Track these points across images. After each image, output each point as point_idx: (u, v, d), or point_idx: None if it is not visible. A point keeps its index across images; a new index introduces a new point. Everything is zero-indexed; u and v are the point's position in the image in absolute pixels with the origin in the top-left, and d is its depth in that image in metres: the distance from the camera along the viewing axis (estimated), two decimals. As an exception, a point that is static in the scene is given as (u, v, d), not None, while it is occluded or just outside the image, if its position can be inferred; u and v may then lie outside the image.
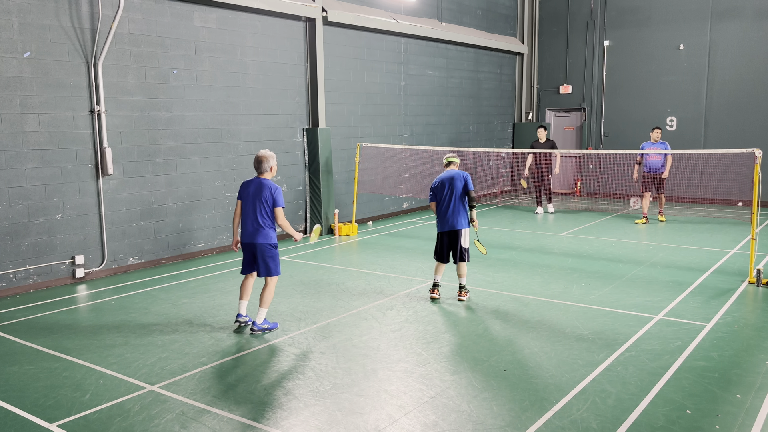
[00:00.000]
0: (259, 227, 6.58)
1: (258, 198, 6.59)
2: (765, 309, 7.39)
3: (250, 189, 6.68)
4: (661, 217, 13.38)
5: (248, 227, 6.65)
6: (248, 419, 4.74)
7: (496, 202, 16.88)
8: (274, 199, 6.59)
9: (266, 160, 6.69)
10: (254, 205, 6.60)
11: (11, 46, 8.11)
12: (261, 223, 6.57)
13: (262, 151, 6.76)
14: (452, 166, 8.01)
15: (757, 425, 4.56)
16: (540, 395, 5.06)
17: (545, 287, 8.34)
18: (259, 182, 6.67)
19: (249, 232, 6.64)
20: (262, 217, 6.58)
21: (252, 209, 6.61)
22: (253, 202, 6.61)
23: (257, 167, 6.71)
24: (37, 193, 8.49)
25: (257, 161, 6.70)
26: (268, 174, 6.73)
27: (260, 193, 6.60)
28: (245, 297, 6.91)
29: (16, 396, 5.21)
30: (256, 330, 6.61)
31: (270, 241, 6.63)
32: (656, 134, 13.06)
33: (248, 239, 6.65)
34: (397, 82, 14.42)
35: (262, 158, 6.69)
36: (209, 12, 10.36)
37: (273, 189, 6.63)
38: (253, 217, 6.60)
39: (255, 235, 6.59)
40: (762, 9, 15.33)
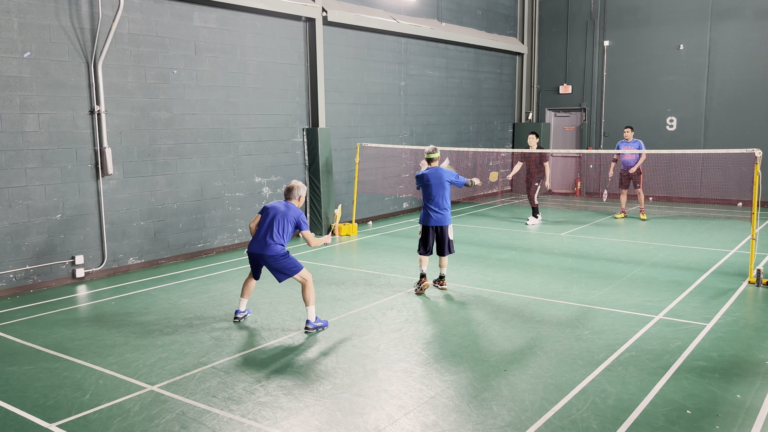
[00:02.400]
0: (271, 241, 6.57)
1: (283, 215, 6.64)
2: (765, 309, 7.39)
3: (276, 206, 6.73)
4: (642, 215, 13.56)
5: (259, 237, 6.63)
6: (248, 419, 4.74)
7: (496, 202, 16.88)
8: (298, 222, 6.68)
9: (297, 188, 6.84)
10: (274, 220, 6.62)
11: (11, 46, 8.11)
12: (274, 238, 6.57)
13: (295, 181, 6.94)
14: (434, 162, 8.27)
15: (757, 425, 4.56)
16: (540, 395, 5.06)
17: (545, 287, 8.34)
18: (288, 204, 6.77)
19: (259, 242, 6.63)
20: (278, 234, 6.59)
21: (270, 223, 6.62)
22: (274, 217, 6.64)
23: (287, 193, 6.85)
24: (37, 193, 8.48)
25: (288, 188, 6.86)
26: (296, 202, 6.83)
27: (287, 212, 6.67)
28: (245, 295, 7.02)
29: (16, 396, 5.21)
30: (309, 328, 6.65)
31: (276, 253, 6.60)
32: (627, 134, 13.62)
33: (257, 249, 6.63)
34: (397, 82, 14.42)
35: (293, 186, 6.86)
36: (209, 12, 10.36)
37: (299, 213, 6.74)
38: (268, 230, 6.60)
39: (264, 247, 6.57)
40: (762, 9, 15.33)
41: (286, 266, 6.67)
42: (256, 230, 6.78)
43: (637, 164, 13.35)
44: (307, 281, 6.70)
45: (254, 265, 6.87)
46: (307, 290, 6.68)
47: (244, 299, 7.03)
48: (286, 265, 6.67)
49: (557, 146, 18.99)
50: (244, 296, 7.02)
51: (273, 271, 6.69)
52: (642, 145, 13.42)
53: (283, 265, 6.65)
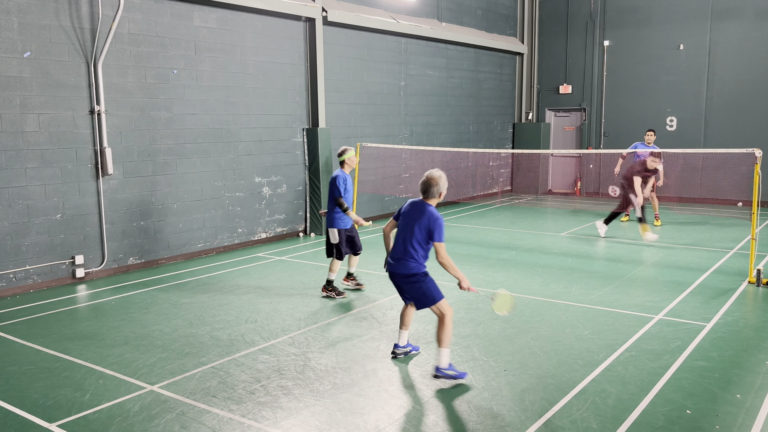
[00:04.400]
0: (404, 257, 5.53)
1: (416, 222, 5.47)
2: (765, 309, 7.39)
3: (411, 210, 5.58)
4: (656, 222, 13.00)
5: (395, 253, 5.62)
6: (248, 419, 4.74)
7: (496, 202, 16.88)
8: (431, 231, 5.40)
9: (436, 183, 5.48)
10: (409, 232, 5.49)
11: (11, 46, 8.11)
12: (409, 252, 5.50)
13: (433, 173, 5.54)
14: (344, 165, 7.97)
15: (757, 425, 4.56)
16: (540, 395, 5.06)
17: (545, 287, 8.34)
18: (423, 207, 5.51)
19: (395, 258, 5.62)
20: (413, 247, 5.48)
21: (402, 234, 5.55)
22: (409, 226, 5.50)
23: (425, 190, 5.53)
24: (37, 193, 8.48)
25: (426, 185, 5.50)
26: (435, 200, 5.54)
27: (420, 218, 5.46)
28: (404, 326, 5.90)
29: (16, 396, 5.21)
30: (439, 375, 5.39)
31: (409, 272, 5.52)
32: (649, 137, 13.03)
33: (393, 268, 5.64)
34: (397, 82, 14.42)
35: (431, 181, 5.49)
36: (209, 12, 10.36)
37: (433, 220, 5.40)
38: (405, 244, 5.52)
39: (397, 264, 5.58)
40: (762, 9, 15.33)
41: (420, 292, 5.52)
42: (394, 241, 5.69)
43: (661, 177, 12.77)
44: (445, 316, 5.45)
45: (396, 287, 5.75)
46: (444, 328, 5.42)
47: (403, 331, 5.89)
48: (421, 291, 5.52)
49: (557, 146, 18.99)
50: (403, 327, 5.89)
51: (408, 294, 5.64)
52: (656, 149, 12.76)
53: (416, 290, 5.54)
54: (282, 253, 10.70)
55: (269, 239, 11.73)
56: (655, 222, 13.00)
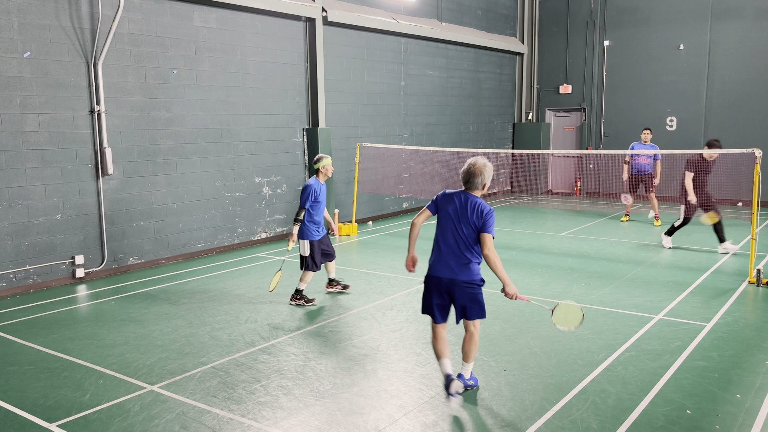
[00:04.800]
0: (460, 259, 4.87)
1: (463, 219, 4.86)
2: (765, 309, 7.39)
3: (452, 204, 4.92)
4: (656, 222, 12.97)
5: (444, 256, 4.91)
6: (248, 419, 4.74)
7: (496, 203, 16.88)
8: (484, 223, 4.80)
9: (481, 173, 4.88)
10: (456, 229, 4.87)
11: (11, 46, 8.11)
12: (463, 253, 4.86)
13: (477, 161, 4.93)
14: (319, 174, 7.61)
15: (757, 425, 4.56)
16: (540, 395, 5.05)
17: (545, 287, 8.34)
18: (467, 198, 4.90)
19: (444, 263, 4.90)
20: (466, 247, 4.85)
21: (452, 233, 4.88)
22: (454, 224, 4.88)
23: (467, 180, 4.93)
24: (37, 193, 8.48)
25: (469, 174, 4.90)
26: (478, 192, 4.96)
27: (465, 213, 4.85)
28: (446, 354, 5.03)
29: (16, 396, 5.21)
30: (466, 388, 5.15)
31: (474, 277, 4.90)
32: (646, 135, 12.92)
33: (444, 273, 4.89)
34: (397, 82, 14.42)
35: (476, 171, 4.87)
36: (209, 12, 10.36)
37: (484, 210, 4.82)
38: (453, 245, 4.87)
39: (455, 269, 4.86)
40: (762, 9, 15.33)
41: (476, 301, 4.90)
42: (435, 245, 4.98)
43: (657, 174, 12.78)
44: (477, 330, 5.08)
45: (441, 295, 4.96)
46: (474, 342, 5.03)
47: (446, 360, 5.00)
48: (476, 300, 4.90)
49: (557, 146, 18.99)
50: (444, 356, 5.01)
51: (460, 303, 4.93)
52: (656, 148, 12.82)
53: (472, 298, 4.89)
54: (282, 253, 10.70)
55: (269, 239, 11.73)
56: (655, 222, 12.99)
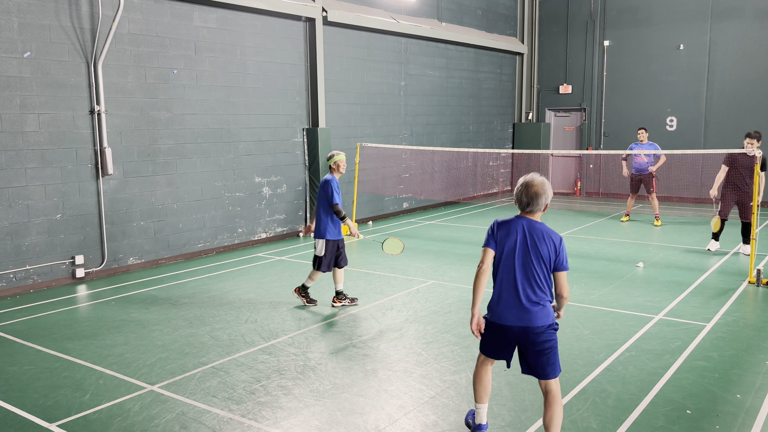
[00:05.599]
0: (532, 301, 4.02)
1: (534, 253, 4.03)
2: (765, 309, 7.39)
3: (514, 235, 4.07)
4: (656, 222, 12.92)
5: (511, 299, 4.05)
6: (248, 419, 4.74)
7: (496, 203, 16.89)
8: (559, 257, 4.06)
9: (544, 192, 4.06)
10: (525, 265, 4.03)
11: (11, 46, 8.11)
12: (536, 294, 4.03)
13: (534, 178, 4.09)
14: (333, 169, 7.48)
15: (757, 425, 4.56)
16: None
17: (545, 287, 8.33)
18: (532, 227, 4.07)
19: (513, 308, 4.04)
20: (539, 285, 4.03)
21: (523, 271, 4.03)
22: (522, 260, 4.04)
23: (530, 203, 4.07)
24: (37, 193, 8.48)
25: (533, 194, 4.04)
26: (539, 215, 4.15)
27: (537, 247, 4.03)
28: (485, 398, 4.38)
29: (16, 396, 5.21)
30: None
31: (551, 321, 4.08)
32: (641, 135, 12.96)
33: (517, 321, 4.03)
34: (397, 82, 14.42)
35: (539, 191, 4.04)
36: (209, 12, 10.36)
37: (557, 241, 4.07)
38: (524, 285, 4.02)
39: (527, 315, 4.01)
40: (762, 9, 15.33)
41: (552, 352, 4.06)
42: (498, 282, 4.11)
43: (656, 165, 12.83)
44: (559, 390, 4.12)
45: (504, 343, 4.13)
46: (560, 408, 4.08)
47: (484, 405, 4.39)
48: (553, 350, 4.07)
49: (557, 146, 19.00)
50: (483, 400, 4.38)
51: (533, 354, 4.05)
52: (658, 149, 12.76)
53: (548, 349, 4.04)
54: (282, 253, 10.70)
55: (269, 239, 11.74)
56: (656, 222, 12.98)
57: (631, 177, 13.20)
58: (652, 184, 12.96)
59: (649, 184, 12.97)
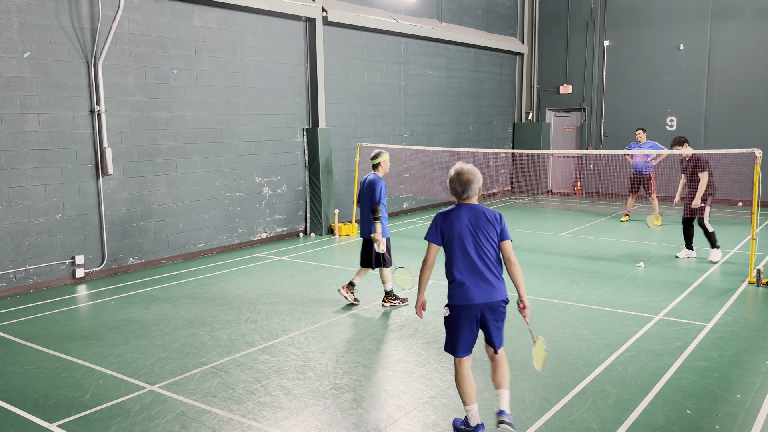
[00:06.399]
0: (493, 276, 4.29)
1: (481, 233, 4.28)
2: (765, 309, 7.39)
3: (462, 221, 4.29)
4: (657, 221, 12.80)
5: (474, 279, 4.26)
6: (248, 419, 4.74)
7: (496, 203, 16.88)
8: (502, 229, 4.33)
9: (475, 178, 4.34)
10: (478, 246, 4.26)
11: (11, 46, 8.11)
12: (492, 270, 4.29)
13: (463, 167, 4.38)
14: (378, 169, 7.64)
15: (757, 425, 4.56)
16: (540, 395, 5.05)
17: (545, 287, 8.34)
18: (473, 211, 4.32)
19: (481, 287, 4.27)
20: (492, 262, 4.29)
21: (476, 251, 4.26)
22: (474, 242, 4.27)
23: (464, 190, 4.35)
24: (37, 193, 8.48)
25: (465, 182, 4.32)
26: (476, 198, 4.42)
27: (482, 227, 4.29)
28: (474, 397, 4.40)
29: (16, 396, 5.21)
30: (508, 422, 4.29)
31: (505, 296, 4.35)
32: (640, 136, 13.02)
33: (483, 298, 4.25)
34: (397, 82, 14.42)
35: (471, 178, 4.32)
36: (209, 12, 10.36)
37: (498, 217, 4.36)
38: (482, 265, 4.26)
39: (492, 290, 4.27)
40: (762, 9, 15.33)
41: (502, 323, 4.42)
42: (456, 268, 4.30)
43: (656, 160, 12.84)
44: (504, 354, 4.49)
45: (470, 324, 4.34)
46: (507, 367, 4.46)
47: (475, 406, 4.40)
48: (502, 328, 4.42)
49: (557, 146, 19.00)
50: (473, 401, 4.40)
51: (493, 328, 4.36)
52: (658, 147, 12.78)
53: (502, 320, 4.40)
54: (282, 253, 10.70)
55: (269, 239, 11.74)
56: (656, 222, 12.97)
57: (630, 177, 13.26)
58: (651, 186, 13.02)
59: (648, 185, 13.03)
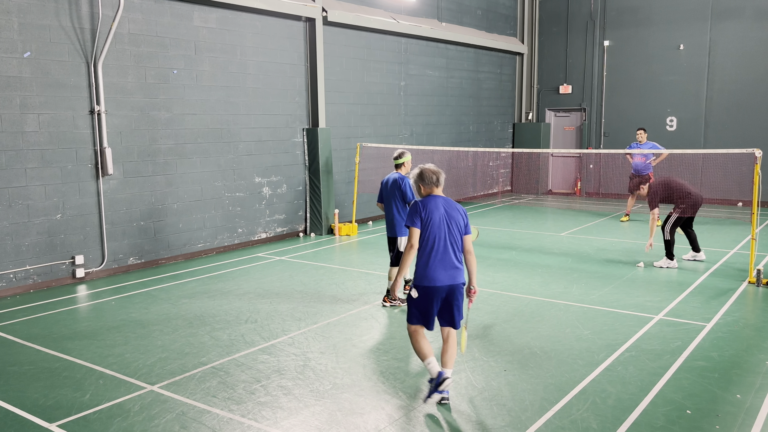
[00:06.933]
0: (458, 262, 4.95)
1: (452, 223, 4.93)
2: (765, 309, 7.39)
3: (438, 210, 4.94)
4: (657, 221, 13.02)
5: (443, 263, 4.90)
6: (248, 419, 4.74)
7: (496, 203, 16.88)
8: (467, 225, 5.03)
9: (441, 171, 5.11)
10: (450, 233, 4.92)
11: (11, 46, 8.11)
12: (458, 256, 4.96)
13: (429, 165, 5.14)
14: (402, 168, 7.75)
15: (757, 425, 4.56)
16: (540, 395, 5.05)
17: (545, 287, 8.34)
18: (446, 202, 5.02)
19: (448, 270, 4.91)
20: (458, 249, 4.96)
21: (448, 238, 4.91)
22: (447, 229, 4.91)
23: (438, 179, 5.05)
24: (37, 193, 8.48)
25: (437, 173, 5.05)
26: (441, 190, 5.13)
27: (453, 217, 4.95)
28: (430, 352, 5.04)
29: (16, 396, 5.21)
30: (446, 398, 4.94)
31: (464, 279, 5.03)
32: (640, 136, 13.01)
33: (449, 280, 4.89)
34: (397, 82, 14.42)
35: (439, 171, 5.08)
36: (209, 12, 10.36)
37: (465, 212, 5.07)
38: (450, 251, 4.91)
39: (456, 274, 4.92)
40: (762, 9, 15.33)
41: (461, 308, 5.04)
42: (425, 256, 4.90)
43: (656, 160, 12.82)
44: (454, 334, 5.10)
45: (434, 303, 4.95)
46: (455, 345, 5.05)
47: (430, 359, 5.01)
48: (461, 308, 5.04)
49: (557, 146, 19.00)
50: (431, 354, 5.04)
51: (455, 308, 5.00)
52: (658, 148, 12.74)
53: (460, 301, 5.01)
54: (282, 253, 10.70)
55: (269, 239, 11.74)
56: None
57: (630, 177, 13.21)
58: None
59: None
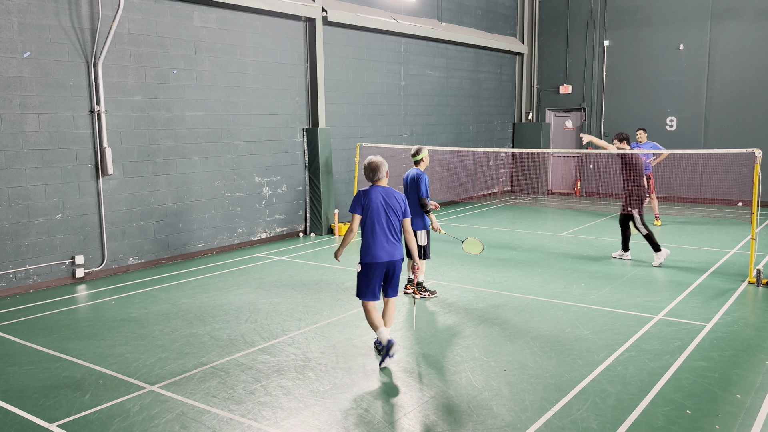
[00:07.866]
0: (396, 241, 5.83)
1: (390, 208, 5.81)
2: (765, 309, 7.39)
3: (379, 198, 5.80)
4: (657, 222, 12.91)
5: (385, 243, 5.77)
6: (248, 419, 4.74)
7: (496, 203, 16.88)
8: (406, 209, 5.90)
9: (383, 165, 5.89)
10: (387, 218, 5.80)
11: (11, 46, 8.11)
12: (396, 236, 5.84)
13: (373, 157, 5.94)
14: (420, 164, 8.06)
15: (757, 425, 4.56)
16: (540, 395, 5.06)
17: (545, 287, 8.34)
18: (385, 191, 5.86)
19: (387, 249, 5.78)
20: (396, 230, 5.86)
21: (386, 221, 5.79)
22: (386, 214, 5.80)
23: (374, 173, 5.88)
24: (37, 193, 8.48)
25: (375, 168, 5.86)
26: (386, 180, 5.95)
27: (391, 204, 5.82)
28: (380, 323, 5.89)
29: (16, 396, 5.21)
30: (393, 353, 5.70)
31: (402, 255, 5.96)
32: (640, 136, 12.93)
33: (387, 257, 5.78)
34: (397, 82, 14.42)
35: (379, 165, 5.86)
36: (209, 12, 10.36)
37: (404, 198, 5.91)
38: (389, 232, 5.79)
39: (394, 251, 5.81)
40: (762, 9, 15.33)
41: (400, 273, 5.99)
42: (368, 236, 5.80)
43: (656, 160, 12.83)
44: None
45: (380, 277, 5.86)
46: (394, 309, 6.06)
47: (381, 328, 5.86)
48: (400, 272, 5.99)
49: (557, 146, 19.00)
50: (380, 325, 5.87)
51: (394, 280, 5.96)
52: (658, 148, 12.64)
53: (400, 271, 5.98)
54: (282, 253, 10.70)
55: (269, 239, 11.74)
56: (656, 222, 12.97)
57: None
58: (650, 186, 12.97)
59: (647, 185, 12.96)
